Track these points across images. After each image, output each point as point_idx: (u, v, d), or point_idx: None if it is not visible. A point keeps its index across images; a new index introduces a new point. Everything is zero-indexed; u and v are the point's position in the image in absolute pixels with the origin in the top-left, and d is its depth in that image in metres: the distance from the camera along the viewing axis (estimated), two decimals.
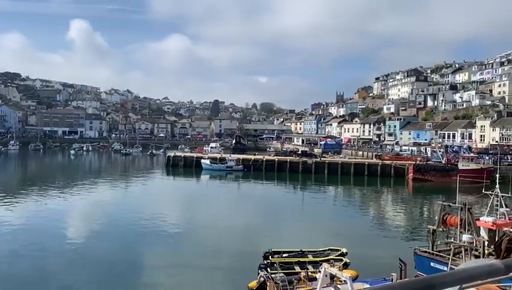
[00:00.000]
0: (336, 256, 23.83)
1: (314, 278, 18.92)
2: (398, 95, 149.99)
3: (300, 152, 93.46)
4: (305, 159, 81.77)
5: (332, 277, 16.91)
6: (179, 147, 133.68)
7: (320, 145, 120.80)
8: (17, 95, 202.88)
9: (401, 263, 20.50)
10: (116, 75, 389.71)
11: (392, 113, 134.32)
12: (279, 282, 19.25)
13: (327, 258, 23.19)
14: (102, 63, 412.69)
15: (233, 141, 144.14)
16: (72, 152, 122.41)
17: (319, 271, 16.63)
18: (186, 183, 72.50)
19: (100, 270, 25.23)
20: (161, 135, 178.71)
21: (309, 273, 20.69)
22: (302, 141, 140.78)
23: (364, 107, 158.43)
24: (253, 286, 20.43)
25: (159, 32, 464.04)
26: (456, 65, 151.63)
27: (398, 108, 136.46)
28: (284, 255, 24.25)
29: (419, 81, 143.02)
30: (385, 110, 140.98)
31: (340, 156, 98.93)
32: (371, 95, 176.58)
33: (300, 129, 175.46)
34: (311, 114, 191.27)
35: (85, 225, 38.26)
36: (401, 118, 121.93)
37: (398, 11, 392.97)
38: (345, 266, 22.36)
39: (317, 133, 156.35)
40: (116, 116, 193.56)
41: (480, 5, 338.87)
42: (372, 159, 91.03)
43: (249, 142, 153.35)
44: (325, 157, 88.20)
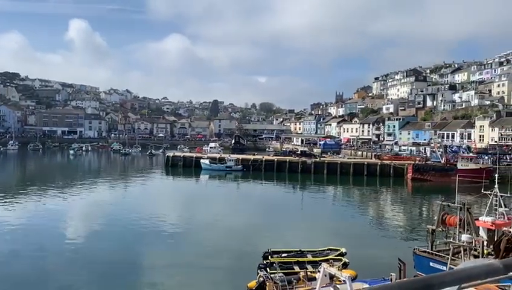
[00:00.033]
0: (335, 256, 23.85)
1: (314, 278, 18.94)
2: (398, 95, 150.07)
3: (299, 152, 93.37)
4: (304, 159, 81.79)
5: (331, 276, 16.92)
6: (178, 147, 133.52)
7: (320, 145, 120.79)
8: (16, 95, 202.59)
9: (400, 263, 20.52)
10: (115, 75, 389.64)
11: (391, 113, 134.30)
12: (278, 282, 19.26)
13: (326, 258, 23.19)
14: (101, 63, 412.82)
15: (233, 141, 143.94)
16: (71, 152, 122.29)
17: (318, 271, 16.65)
18: (185, 183, 72.48)
19: (100, 270, 25.20)
20: (160, 135, 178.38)
21: (308, 273, 20.69)
22: (302, 141, 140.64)
23: (363, 107, 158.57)
24: (253, 285, 20.44)
25: (159, 32, 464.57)
26: (455, 65, 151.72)
27: (397, 108, 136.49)
28: (283, 255, 24.27)
29: (419, 81, 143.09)
30: (384, 110, 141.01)
31: (340, 156, 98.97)
32: (370, 95, 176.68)
33: (300, 129, 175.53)
34: (311, 114, 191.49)
35: (84, 225, 38.21)
36: (400, 118, 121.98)
37: (397, 11, 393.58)
38: (344, 265, 22.39)
39: (316, 133, 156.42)
40: (116, 116, 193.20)
41: (479, 5, 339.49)
42: (371, 159, 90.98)
43: (248, 142, 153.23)
44: (324, 157, 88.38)
